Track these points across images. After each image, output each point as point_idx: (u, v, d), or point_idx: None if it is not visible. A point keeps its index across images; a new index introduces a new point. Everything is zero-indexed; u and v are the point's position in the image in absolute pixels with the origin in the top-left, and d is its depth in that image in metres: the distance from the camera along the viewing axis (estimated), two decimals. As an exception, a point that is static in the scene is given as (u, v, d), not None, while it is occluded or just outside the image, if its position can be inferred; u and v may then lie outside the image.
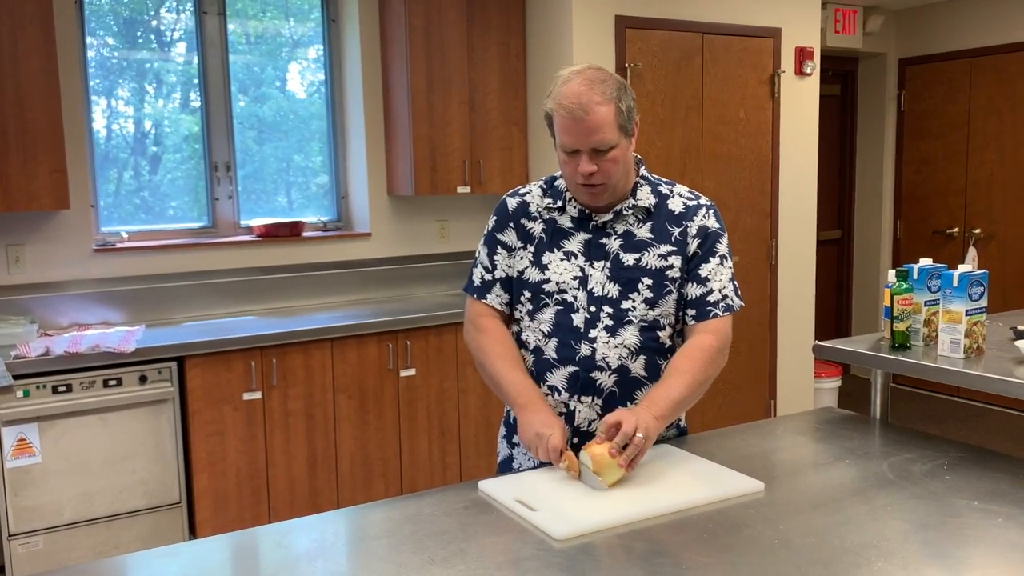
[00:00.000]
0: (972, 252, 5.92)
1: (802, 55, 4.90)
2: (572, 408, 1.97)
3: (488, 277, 2.06)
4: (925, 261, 2.36)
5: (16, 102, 3.42)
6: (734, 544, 1.56)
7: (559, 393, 1.97)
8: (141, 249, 4.01)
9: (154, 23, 4.15)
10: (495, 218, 2.07)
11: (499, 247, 2.05)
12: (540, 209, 2.03)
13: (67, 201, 3.56)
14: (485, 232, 2.10)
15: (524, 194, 2.07)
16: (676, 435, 2.13)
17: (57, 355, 3.26)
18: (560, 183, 2.04)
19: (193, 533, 3.58)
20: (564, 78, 1.90)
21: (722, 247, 2.00)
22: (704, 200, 2.04)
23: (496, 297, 2.06)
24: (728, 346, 2.00)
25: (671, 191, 2.03)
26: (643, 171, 2.04)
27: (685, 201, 2.02)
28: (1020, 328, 2.45)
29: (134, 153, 4.18)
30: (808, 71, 4.93)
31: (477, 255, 2.11)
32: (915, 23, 6.30)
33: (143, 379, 3.43)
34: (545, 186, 2.07)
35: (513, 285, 2.04)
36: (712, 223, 2.00)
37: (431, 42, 4.25)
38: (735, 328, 4.68)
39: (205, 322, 3.97)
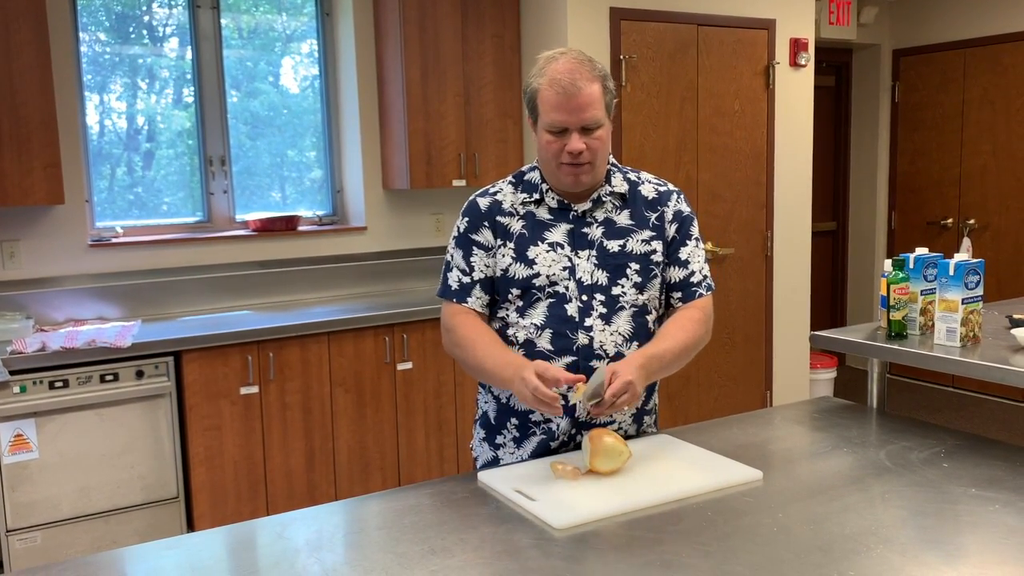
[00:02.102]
0: (967, 242, 5.94)
1: (796, 46, 4.90)
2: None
3: (467, 280, 1.99)
4: (921, 250, 2.36)
5: (9, 97, 3.41)
6: (733, 532, 1.56)
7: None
8: (136, 244, 4.01)
9: (146, 18, 4.14)
10: (467, 219, 2.01)
11: (475, 248, 1.99)
12: (515, 205, 1.99)
13: (61, 196, 3.55)
14: (455, 235, 2.03)
15: (494, 192, 2.02)
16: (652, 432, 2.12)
17: (53, 350, 3.26)
18: (532, 176, 2.02)
19: (191, 527, 3.58)
20: (550, 57, 1.90)
21: (695, 230, 2.06)
22: (672, 186, 2.09)
23: (477, 300, 1.99)
24: (712, 322, 2.05)
25: (639, 178, 2.06)
26: (610, 159, 2.05)
27: (656, 187, 2.05)
28: (1016, 316, 2.46)
29: (128, 148, 4.17)
30: (803, 62, 4.93)
31: (449, 259, 2.03)
32: (909, 14, 6.30)
33: (140, 374, 3.43)
34: (515, 181, 2.03)
35: (497, 285, 2.00)
36: (685, 207, 2.05)
37: (425, 35, 4.24)
38: (731, 318, 4.71)
39: (201, 317, 3.97)
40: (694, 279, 2.03)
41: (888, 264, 2.34)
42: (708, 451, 1.93)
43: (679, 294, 2.03)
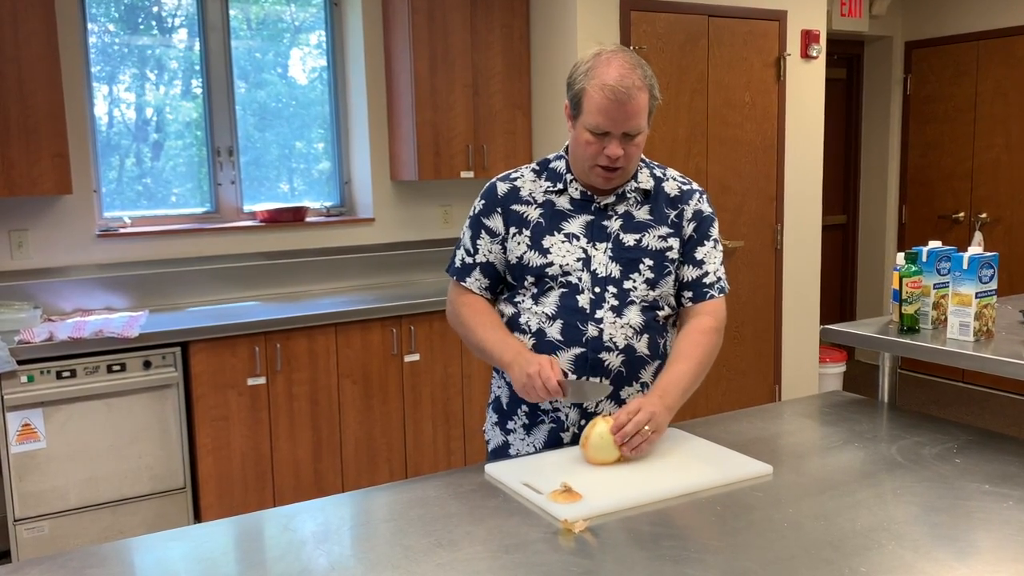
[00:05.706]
0: (978, 236, 5.88)
1: (808, 38, 4.86)
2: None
3: (469, 260, 2.05)
4: (934, 244, 2.34)
5: (18, 87, 3.40)
6: (743, 527, 1.55)
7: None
8: (144, 234, 4.00)
9: (155, 8, 4.13)
10: (483, 202, 2.05)
11: (483, 231, 2.03)
12: (535, 193, 2.01)
13: (69, 186, 3.54)
14: (471, 214, 2.07)
15: (515, 179, 2.04)
16: None
17: (61, 340, 3.26)
18: (557, 165, 2.03)
19: (198, 518, 3.58)
20: (603, 58, 1.88)
21: (715, 231, 2.07)
22: (696, 185, 2.10)
23: (475, 281, 2.04)
24: (724, 326, 2.05)
25: (664, 174, 2.07)
26: None
27: (680, 185, 2.06)
28: (1029, 311, 2.44)
29: (136, 139, 4.16)
30: (814, 54, 4.89)
31: (462, 235, 2.09)
32: (921, 6, 6.25)
33: (147, 364, 3.42)
34: (538, 168, 2.05)
35: (512, 271, 2.01)
36: (706, 207, 2.06)
37: (434, 25, 4.22)
38: (740, 312, 4.70)
39: (209, 307, 3.96)
40: (707, 280, 2.02)
41: (901, 257, 2.31)
42: (717, 445, 1.92)
43: (690, 294, 2.02)
